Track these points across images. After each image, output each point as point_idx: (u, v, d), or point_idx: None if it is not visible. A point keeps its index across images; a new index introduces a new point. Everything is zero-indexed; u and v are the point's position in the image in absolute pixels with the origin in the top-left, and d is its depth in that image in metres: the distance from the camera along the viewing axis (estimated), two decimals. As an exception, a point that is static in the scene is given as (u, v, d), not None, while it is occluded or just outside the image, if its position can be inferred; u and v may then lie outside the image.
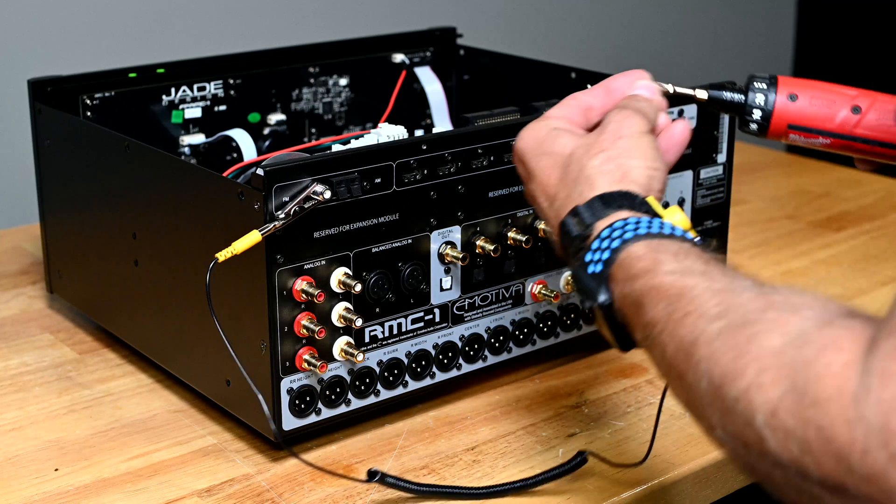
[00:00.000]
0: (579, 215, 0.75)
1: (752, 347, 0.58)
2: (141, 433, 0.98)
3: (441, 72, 1.38)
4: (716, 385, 0.59)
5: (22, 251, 1.38)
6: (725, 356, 0.59)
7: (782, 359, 0.56)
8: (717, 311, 0.61)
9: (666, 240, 0.70)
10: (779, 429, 0.55)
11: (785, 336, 0.57)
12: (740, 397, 0.57)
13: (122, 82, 1.19)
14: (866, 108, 0.83)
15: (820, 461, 0.53)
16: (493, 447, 0.95)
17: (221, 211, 0.91)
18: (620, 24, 2.37)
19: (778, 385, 0.55)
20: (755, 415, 0.56)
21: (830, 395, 0.53)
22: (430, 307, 0.98)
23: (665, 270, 0.67)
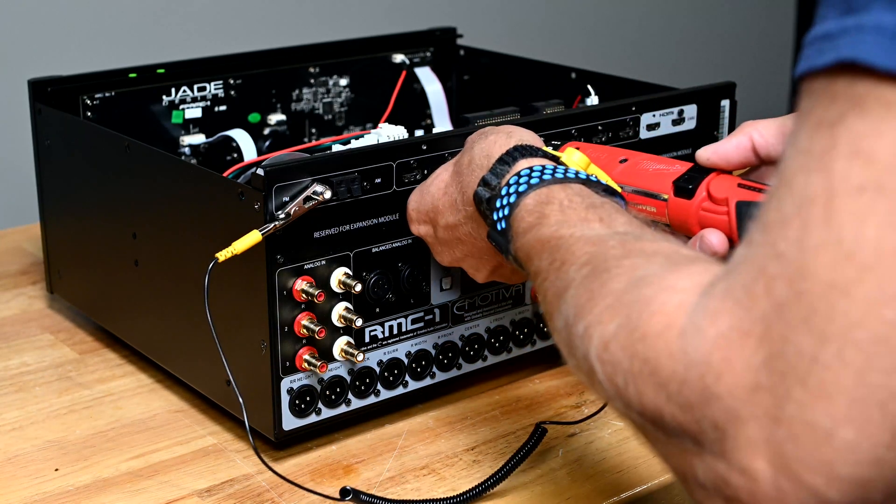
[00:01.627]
0: (486, 182, 0.80)
1: (601, 289, 0.61)
2: (141, 433, 0.98)
3: (441, 72, 1.38)
4: (569, 324, 0.63)
5: (22, 251, 1.38)
6: (580, 298, 0.63)
7: (623, 298, 0.59)
8: (584, 259, 0.66)
9: (556, 186, 0.75)
10: (607, 361, 0.58)
11: (629, 279, 0.60)
12: (583, 333, 0.61)
13: (122, 82, 1.19)
14: (629, 158, 0.89)
15: (641, 391, 0.56)
16: (493, 447, 0.95)
17: (221, 211, 0.91)
18: (620, 24, 2.37)
19: (614, 320, 0.59)
20: (590, 347, 0.60)
21: (659, 330, 0.55)
22: (430, 307, 0.98)
23: (549, 223, 0.72)
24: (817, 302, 0.49)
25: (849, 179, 0.49)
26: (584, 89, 1.19)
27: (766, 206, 0.53)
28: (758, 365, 0.51)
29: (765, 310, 0.51)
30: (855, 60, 0.49)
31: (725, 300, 0.53)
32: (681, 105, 1.09)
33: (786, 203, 0.51)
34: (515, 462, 0.88)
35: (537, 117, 1.02)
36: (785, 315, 0.50)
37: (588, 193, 0.74)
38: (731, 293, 0.53)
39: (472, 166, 0.83)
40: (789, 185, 0.52)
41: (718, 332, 0.52)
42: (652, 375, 0.55)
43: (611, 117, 1.05)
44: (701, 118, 1.10)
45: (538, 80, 1.32)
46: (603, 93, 1.18)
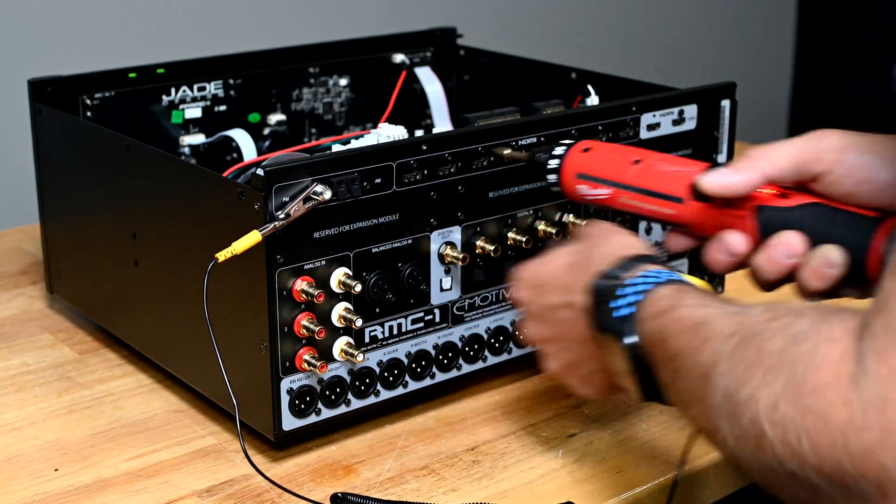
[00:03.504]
0: (609, 276, 0.78)
1: (759, 355, 0.61)
2: (141, 433, 0.98)
3: (441, 72, 1.38)
4: (730, 394, 0.62)
5: (22, 251, 1.38)
6: (737, 369, 0.62)
7: (783, 357, 0.59)
8: (730, 331, 0.65)
9: (691, 287, 0.75)
10: (778, 422, 0.58)
11: (786, 338, 0.60)
12: (749, 399, 0.60)
13: (122, 82, 1.19)
14: (643, 159, 0.89)
15: (818, 445, 0.56)
16: (493, 447, 0.95)
17: (221, 211, 0.91)
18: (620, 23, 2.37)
19: (779, 380, 0.59)
20: (759, 410, 0.59)
21: (828, 381, 0.56)
22: (430, 307, 0.98)
23: (688, 304, 0.71)
24: None
25: None
26: (584, 89, 1.19)
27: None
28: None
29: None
30: None
31: (889, 337, 0.54)
32: (681, 105, 1.09)
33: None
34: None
35: (537, 117, 1.02)
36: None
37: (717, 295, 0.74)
38: (889, 329, 0.54)
39: (594, 262, 0.81)
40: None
41: (890, 368, 0.54)
42: (826, 426, 0.56)
43: (611, 117, 1.05)
44: (701, 118, 1.10)
45: (538, 80, 1.32)
46: (603, 93, 1.18)
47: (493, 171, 0.98)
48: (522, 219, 1.02)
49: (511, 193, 1.00)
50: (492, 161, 0.98)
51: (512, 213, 1.01)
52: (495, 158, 0.98)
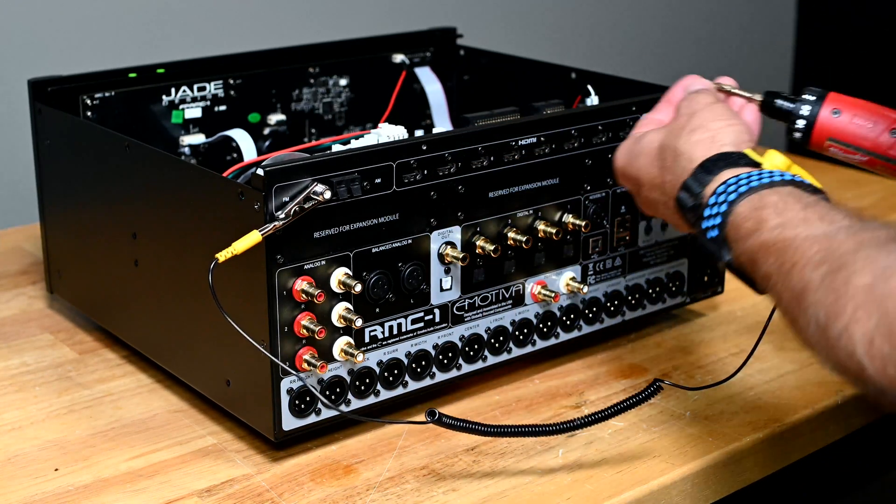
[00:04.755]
0: (688, 188, 0.82)
1: (848, 288, 0.64)
2: (141, 433, 0.98)
3: (441, 72, 1.38)
4: (822, 327, 0.65)
5: (22, 251, 1.38)
6: (827, 299, 0.65)
7: (873, 293, 0.62)
8: (818, 258, 0.67)
9: (766, 190, 0.76)
10: (876, 356, 0.61)
11: (874, 273, 0.63)
12: (842, 334, 0.63)
13: (122, 82, 1.19)
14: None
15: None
16: (493, 447, 0.95)
17: (221, 211, 0.91)
18: (620, 23, 2.37)
19: (872, 317, 0.62)
20: (855, 347, 0.62)
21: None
22: (430, 307, 0.98)
23: (769, 227, 0.73)
24: None
25: None
26: (584, 89, 1.19)
27: None
28: None
29: None
30: None
31: None
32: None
33: None
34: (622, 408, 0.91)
35: (537, 117, 1.02)
36: None
37: (798, 193, 0.76)
38: None
39: (677, 164, 0.85)
40: None
41: None
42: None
43: (611, 117, 1.05)
44: (701, 118, 1.10)
45: (538, 80, 1.32)
46: (603, 93, 1.18)
47: (493, 171, 0.98)
48: (522, 219, 1.02)
49: (511, 193, 1.00)
50: (491, 161, 0.98)
51: (512, 213, 1.01)
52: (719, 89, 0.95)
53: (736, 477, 0.96)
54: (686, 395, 1.03)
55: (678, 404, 1.02)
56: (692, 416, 1.00)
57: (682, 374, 1.07)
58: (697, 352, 1.12)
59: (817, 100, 0.91)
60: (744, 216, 0.76)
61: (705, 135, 0.85)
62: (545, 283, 1.04)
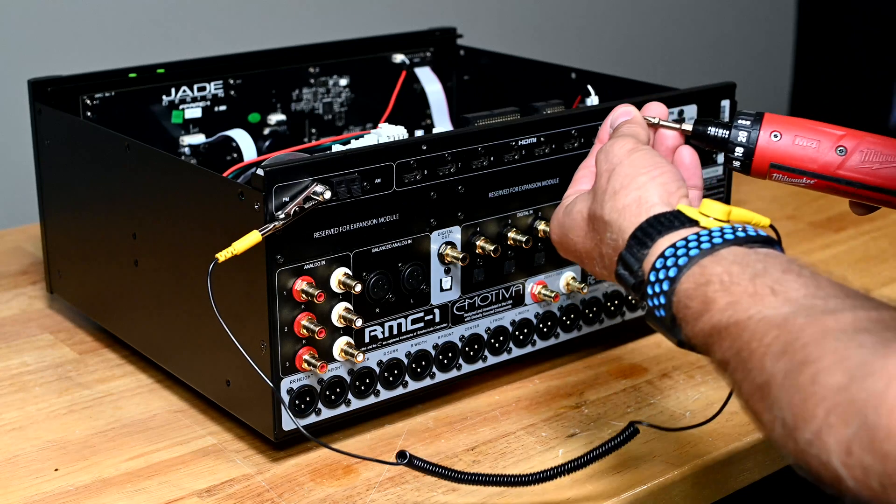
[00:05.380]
0: (626, 264, 0.74)
1: (816, 388, 0.57)
2: (141, 433, 0.98)
3: (441, 72, 1.38)
4: (790, 429, 0.59)
5: (22, 251, 1.38)
6: (793, 399, 0.59)
7: (848, 395, 0.56)
8: (777, 348, 0.61)
9: (708, 259, 0.69)
10: (855, 466, 0.55)
11: (846, 371, 0.56)
12: (813, 441, 0.57)
13: (122, 82, 1.19)
14: (851, 149, 0.81)
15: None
16: (493, 447, 0.95)
17: (221, 211, 0.91)
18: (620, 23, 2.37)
19: (849, 423, 0.55)
20: (830, 456, 0.56)
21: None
22: (430, 307, 0.98)
23: (718, 308, 0.66)
24: None
25: None
26: (584, 89, 1.19)
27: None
28: None
29: None
30: None
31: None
32: (681, 105, 1.09)
33: None
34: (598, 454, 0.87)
35: (537, 117, 1.02)
36: None
37: (744, 257, 0.68)
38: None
39: (607, 235, 0.77)
40: None
41: None
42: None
43: (611, 117, 1.05)
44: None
45: (538, 80, 1.32)
46: (603, 93, 1.18)
47: (493, 170, 0.98)
48: (522, 219, 1.02)
49: (511, 193, 1.00)
50: (491, 161, 0.98)
51: (512, 212, 1.01)
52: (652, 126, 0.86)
53: (736, 477, 0.96)
54: (686, 394, 1.03)
55: (678, 404, 1.02)
56: (692, 417, 1.00)
57: (681, 375, 1.07)
58: (697, 352, 1.12)
59: (753, 123, 0.83)
60: (689, 296, 0.69)
61: (629, 197, 0.75)
62: (545, 283, 1.04)
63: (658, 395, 1.03)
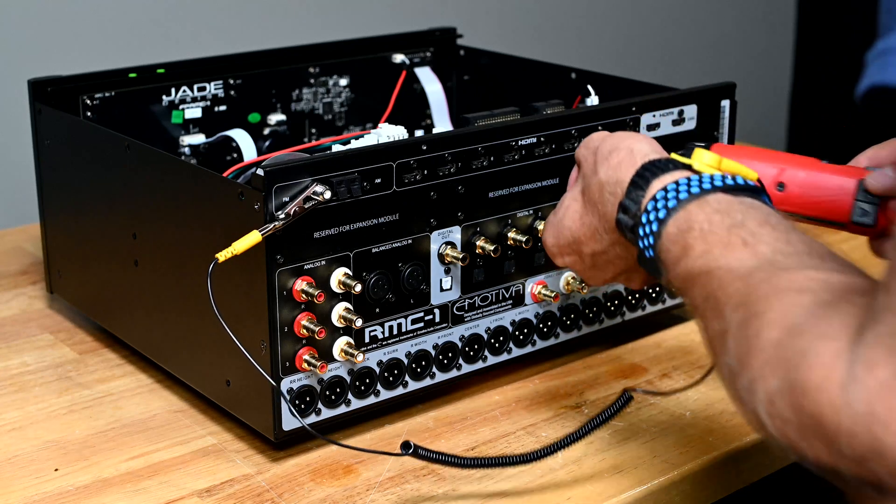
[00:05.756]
0: (625, 209, 0.78)
1: (758, 341, 0.61)
2: (141, 433, 0.98)
3: (441, 72, 1.38)
4: (734, 375, 0.63)
5: (22, 251, 1.38)
6: (740, 349, 0.62)
7: (780, 351, 0.59)
8: (737, 299, 0.64)
9: (694, 204, 0.72)
10: (776, 416, 0.58)
11: (783, 328, 0.60)
12: (748, 387, 0.61)
13: (122, 82, 1.19)
14: (790, 184, 0.85)
15: (813, 446, 0.56)
16: (493, 447, 0.95)
17: (221, 211, 0.91)
18: (620, 23, 2.37)
19: (775, 377, 0.59)
20: (757, 405, 0.60)
21: (820, 383, 0.56)
22: (430, 307, 0.98)
23: (694, 255, 0.70)
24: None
25: None
26: (584, 89, 1.19)
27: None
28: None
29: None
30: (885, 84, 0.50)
31: (878, 349, 0.53)
32: (681, 105, 1.09)
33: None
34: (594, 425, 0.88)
35: (537, 117, 1.02)
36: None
37: (728, 206, 0.71)
38: (881, 342, 0.53)
39: (605, 194, 0.80)
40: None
41: (878, 382, 0.53)
42: (819, 430, 0.55)
43: (611, 117, 1.05)
44: (701, 118, 1.10)
45: (538, 80, 1.32)
46: (603, 93, 1.18)
47: (493, 171, 0.98)
48: (522, 219, 1.02)
49: (511, 193, 1.00)
50: (491, 161, 0.98)
51: (512, 212, 1.01)
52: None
53: (736, 477, 0.96)
54: (686, 394, 1.03)
55: (678, 404, 1.02)
56: (692, 416, 1.00)
57: (681, 375, 1.07)
58: (697, 351, 1.12)
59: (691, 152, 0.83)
60: (671, 240, 0.72)
61: (622, 153, 0.80)
62: (545, 283, 1.04)
63: (658, 395, 1.03)
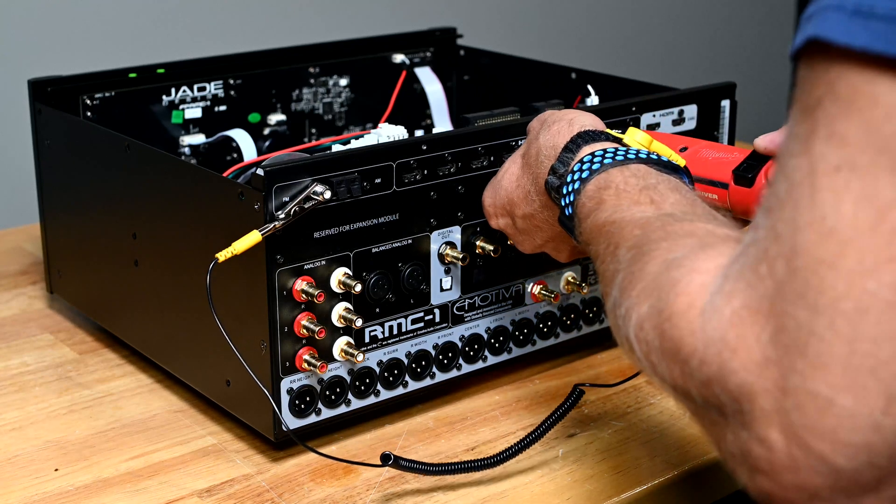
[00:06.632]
0: (554, 170, 0.83)
1: (641, 274, 0.64)
2: (141, 433, 0.98)
3: (441, 72, 1.38)
4: (615, 305, 0.66)
5: (22, 251, 1.38)
6: (625, 280, 0.66)
7: (656, 280, 0.62)
8: (631, 241, 0.69)
9: (615, 169, 0.77)
10: (643, 340, 0.62)
11: (664, 261, 0.63)
12: (624, 314, 0.64)
13: (122, 82, 1.19)
14: (690, 146, 0.91)
15: (670, 368, 0.59)
16: (493, 447, 0.95)
17: (221, 211, 0.91)
18: (620, 24, 2.38)
19: (647, 301, 0.62)
20: (629, 328, 0.63)
21: (682, 309, 0.59)
22: (430, 307, 0.98)
23: (606, 208, 0.75)
24: (809, 277, 0.53)
25: (827, 160, 0.53)
26: (584, 89, 1.19)
27: (767, 190, 0.56)
28: (766, 340, 0.54)
29: (769, 288, 0.54)
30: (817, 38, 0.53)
31: (738, 281, 0.56)
32: (681, 105, 1.09)
33: (781, 187, 0.55)
34: (550, 423, 0.90)
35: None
36: (784, 291, 0.53)
37: (646, 173, 0.77)
38: (742, 274, 0.56)
39: (541, 157, 0.85)
40: (783, 170, 0.55)
41: (733, 310, 0.56)
42: (676, 353, 0.58)
43: (611, 117, 1.05)
44: (701, 118, 1.10)
45: (538, 80, 1.32)
46: (603, 93, 1.18)
47: (493, 171, 0.98)
48: (522, 219, 1.02)
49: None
50: (491, 161, 0.98)
51: (512, 213, 1.01)
52: None
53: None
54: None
55: (678, 404, 1.01)
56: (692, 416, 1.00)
57: (682, 374, 1.07)
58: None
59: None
60: (589, 196, 0.77)
61: (562, 122, 0.86)
62: (545, 283, 1.04)
63: (658, 394, 1.03)
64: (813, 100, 0.54)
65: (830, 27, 0.52)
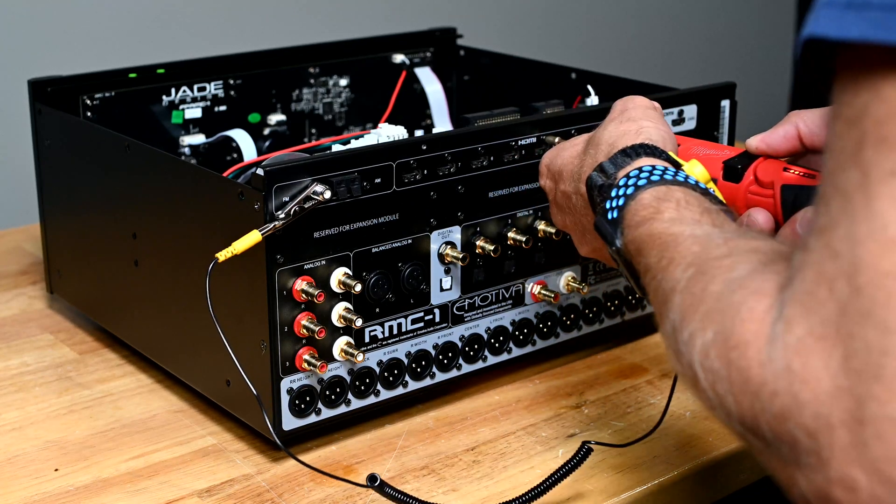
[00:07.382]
0: (603, 169, 0.80)
1: (702, 295, 0.61)
2: (141, 433, 0.98)
3: (441, 72, 1.38)
4: (676, 329, 0.62)
5: (22, 251, 1.38)
6: (685, 303, 0.62)
7: (719, 303, 0.59)
8: (690, 259, 0.65)
9: (675, 187, 0.74)
10: (709, 370, 0.57)
11: (725, 282, 0.59)
12: (688, 340, 0.60)
13: (122, 82, 1.19)
14: (682, 143, 0.90)
15: (739, 400, 0.55)
16: (493, 447, 0.95)
17: (221, 211, 0.91)
18: (620, 24, 2.38)
19: (711, 327, 0.58)
20: (693, 355, 0.59)
21: (749, 338, 0.55)
22: (430, 307, 0.98)
23: (663, 218, 0.71)
24: (875, 293, 0.49)
25: (880, 166, 0.50)
26: (584, 89, 1.19)
27: (815, 211, 0.53)
28: (835, 368, 0.50)
29: (831, 311, 0.51)
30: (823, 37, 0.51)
31: (795, 306, 0.53)
32: (681, 105, 1.09)
33: (833, 204, 0.52)
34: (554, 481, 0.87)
35: (537, 117, 1.02)
36: (849, 312, 0.50)
37: (705, 200, 0.73)
38: (797, 299, 0.53)
39: (599, 148, 0.83)
40: (834, 185, 0.52)
41: (796, 338, 0.52)
42: (746, 384, 0.55)
43: (611, 117, 1.04)
44: (701, 118, 1.10)
45: (538, 80, 1.32)
46: (603, 93, 1.18)
47: (493, 171, 0.98)
48: (522, 219, 1.02)
49: (511, 193, 1.00)
50: (491, 161, 0.98)
51: (512, 212, 1.01)
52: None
53: (736, 477, 0.96)
54: (686, 394, 1.03)
55: (678, 405, 1.02)
56: (692, 416, 1.00)
57: (682, 374, 1.07)
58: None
59: None
60: (644, 204, 0.73)
61: (632, 128, 0.83)
62: (545, 283, 1.04)
63: (658, 395, 1.03)
64: (857, 109, 0.51)
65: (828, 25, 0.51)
